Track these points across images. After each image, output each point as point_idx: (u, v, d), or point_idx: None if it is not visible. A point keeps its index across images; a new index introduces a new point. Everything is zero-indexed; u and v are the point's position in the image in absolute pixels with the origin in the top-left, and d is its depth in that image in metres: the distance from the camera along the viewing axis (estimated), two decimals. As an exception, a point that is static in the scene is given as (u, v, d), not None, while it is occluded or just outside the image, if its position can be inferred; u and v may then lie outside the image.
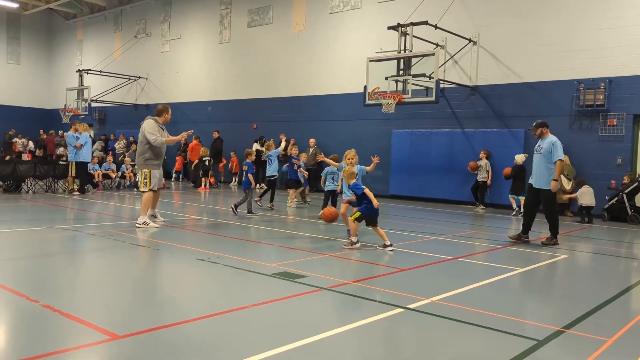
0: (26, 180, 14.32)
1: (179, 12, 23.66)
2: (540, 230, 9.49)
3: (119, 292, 4.90)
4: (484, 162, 14.07)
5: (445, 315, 4.33)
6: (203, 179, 17.74)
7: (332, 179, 10.30)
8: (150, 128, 8.71)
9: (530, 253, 7.61)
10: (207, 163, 17.83)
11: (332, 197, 10.16)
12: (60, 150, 20.91)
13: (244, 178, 10.79)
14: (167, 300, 4.69)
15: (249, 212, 10.61)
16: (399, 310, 4.42)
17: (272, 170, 12.12)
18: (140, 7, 25.27)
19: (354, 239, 7.26)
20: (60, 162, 15.39)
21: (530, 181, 8.53)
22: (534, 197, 8.44)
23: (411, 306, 4.52)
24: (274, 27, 20.07)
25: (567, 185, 12.63)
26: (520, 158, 12.72)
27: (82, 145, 13.85)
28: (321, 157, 9.49)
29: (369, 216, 7.19)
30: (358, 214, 7.17)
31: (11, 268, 5.69)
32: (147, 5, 24.92)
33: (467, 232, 9.67)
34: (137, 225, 8.49)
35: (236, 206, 10.74)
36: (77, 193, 13.90)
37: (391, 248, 7.17)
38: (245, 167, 10.88)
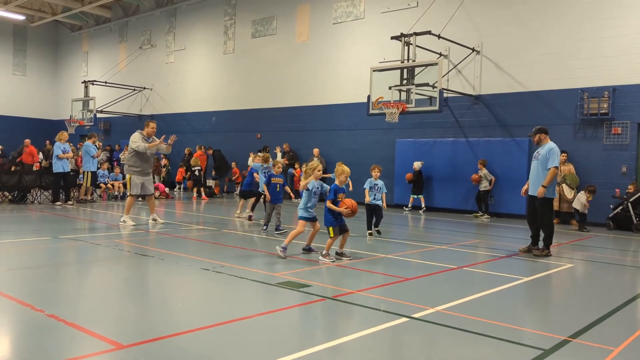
0: (32, 190, 14.37)
1: (183, 23, 23.85)
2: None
3: (124, 302, 4.91)
4: (483, 172, 14.09)
5: (450, 324, 4.31)
6: (195, 189, 17.85)
7: (374, 194, 9.44)
8: (134, 138, 10.17)
9: (535, 262, 7.57)
10: (197, 173, 17.90)
11: (374, 212, 9.49)
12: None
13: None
14: (172, 309, 4.69)
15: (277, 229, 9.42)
16: (404, 319, 4.40)
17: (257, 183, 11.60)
18: (145, 19, 25.50)
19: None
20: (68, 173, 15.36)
21: (529, 192, 8.29)
22: (534, 207, 8.20)
23: (416, 315, 4.51)
24: (278, 38, 20.20)
25: (570, 194, 12.58)
26: (417, 165, 15.35)
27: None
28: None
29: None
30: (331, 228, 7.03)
31: (16, 278, 5.71)
32: (152, 16, 25.14)
33: (471, 241, 9.64)
34: (120, 221, 10.04)
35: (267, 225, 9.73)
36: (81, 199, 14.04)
37: (347, 258, 7.07)
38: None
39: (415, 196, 15.47)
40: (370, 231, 9.59)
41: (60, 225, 10.09)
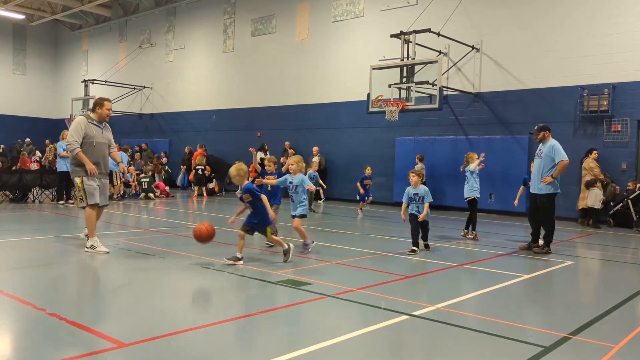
0: (32, 189, 14.38)
1: (183, 22, 23.83)
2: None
3: (125, 300, 4.92)
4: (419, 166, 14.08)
5: (450, 322, 4.32)
6: (196, 188, 17.97)
7: (417, 206, 7.89)
8: (72, 129, 7.10)
9: (535, 260, 7.59)
10: (200, 172, 17.97)
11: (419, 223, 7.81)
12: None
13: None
14: (173, 308, 4.71)
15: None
16: (404, 317, 4.41)
17: None
18: (145, 18, 25.48)
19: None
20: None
21: (531, 190, 8.29)
22: (536, 205, 8.21)
23: (416, 313, 4.52)
24: (278, 36, 20.19)
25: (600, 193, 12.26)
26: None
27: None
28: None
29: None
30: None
31: (17, 277, 5.72)
32: (151, 15, 25.12)
33: (471, 238, 9.64)
34: (85, 249, 7.07)
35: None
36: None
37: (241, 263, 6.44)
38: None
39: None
40: (414, 248, 7.67)
41: (61, 224, 10.10)
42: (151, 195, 16.53)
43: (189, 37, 23.55)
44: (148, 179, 16.92)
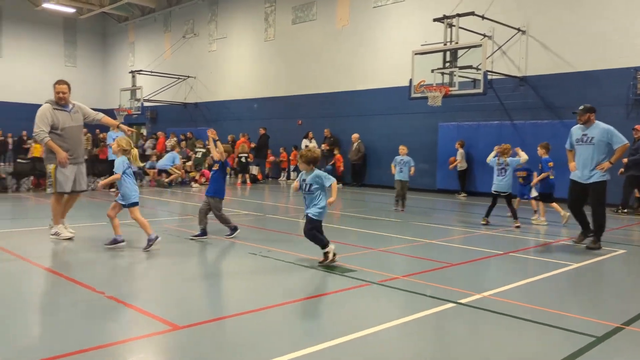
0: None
1: (225, 11, 24.10)
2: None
3: (176, 285, 5.11)
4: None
5: (498, 310, 4.30)
6: (239, 175, 18.29)
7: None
8: (37, 117, 6.86)
9: (584, 248, 7.39)
10: (243, 160, 18.30)
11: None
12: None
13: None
14: (223, 292, 4.86)
15: None
16: (450, 305, 4.42)
17: None
18: (188, 8, 25.91)
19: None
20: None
21: (572, 177, 7.56)
22: (580, 194, 7.49)
23: (463, 301, 4.51)
24: (318, 23, 20.16)
25: None
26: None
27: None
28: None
29: None
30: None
31: (77, 262, 6.03)
32: (194, 5, 25.52)
33: (528, 227, 9.46)
34: (50, 235, 7.11)
35: None
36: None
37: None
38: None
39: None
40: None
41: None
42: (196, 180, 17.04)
43: (231, 27, 23.81)
44: (201, 153, 17.45)
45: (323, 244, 5.76)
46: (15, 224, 8.85)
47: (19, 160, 15.01)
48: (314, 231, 5.79)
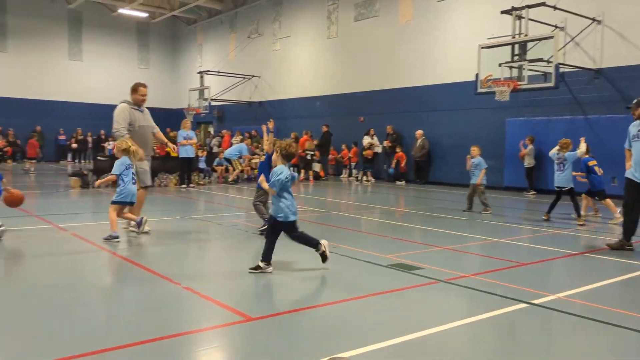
0: (158, 175, 15.66)
1: (288, 10, 24.47)
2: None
3: (248, 278, 5.29)
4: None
5: (573, 312, 4.16)
6: (302, 171, 18.53)
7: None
8: (116, 115, 7.26)
9: (668, 249, 6.97)
10: (309, 157, 18.52)
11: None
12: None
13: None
14: (292, 287, 4.99)
15: None
16: (522, 305, 4.32)
17: None
18: (253, 9, 26.52)
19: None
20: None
21: (628, 175, 6.92)
22: (637, 195, 6.78)
23: (535, 302, 4.40)
24: (381, 20, 20.05)
25: None
26: None
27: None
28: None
29: None
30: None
31: (154, 254, 6.37)
32: (259, 6, 26.08)
33: (593, 225, 9.05)
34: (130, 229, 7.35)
35: None
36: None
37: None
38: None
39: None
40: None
41: (185, 207, 10.98)
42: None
43: (294, 26, 24.14)
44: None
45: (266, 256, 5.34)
46: (96, 217, 9.43)
47: (98, 157, 15.95)
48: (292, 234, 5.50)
